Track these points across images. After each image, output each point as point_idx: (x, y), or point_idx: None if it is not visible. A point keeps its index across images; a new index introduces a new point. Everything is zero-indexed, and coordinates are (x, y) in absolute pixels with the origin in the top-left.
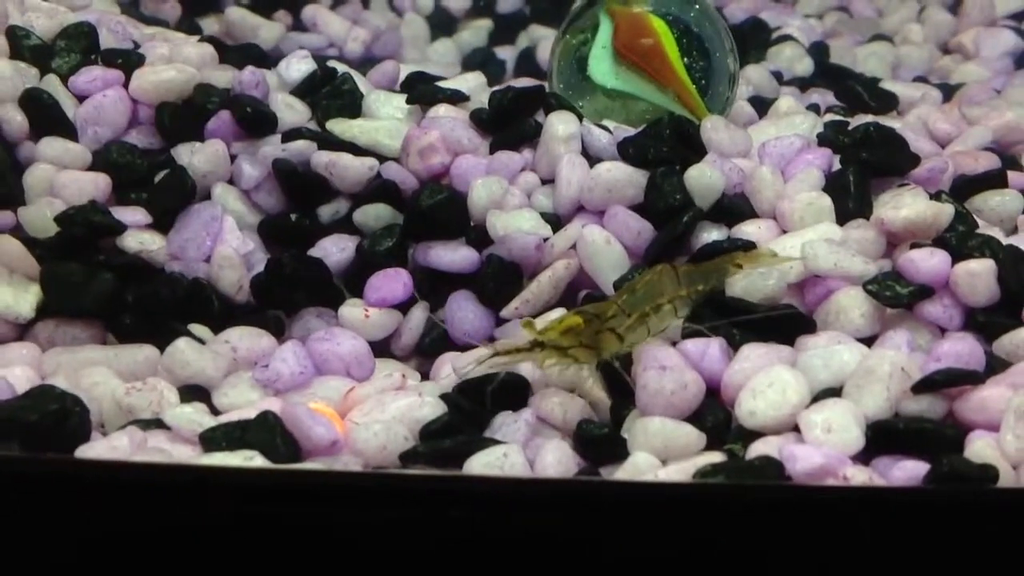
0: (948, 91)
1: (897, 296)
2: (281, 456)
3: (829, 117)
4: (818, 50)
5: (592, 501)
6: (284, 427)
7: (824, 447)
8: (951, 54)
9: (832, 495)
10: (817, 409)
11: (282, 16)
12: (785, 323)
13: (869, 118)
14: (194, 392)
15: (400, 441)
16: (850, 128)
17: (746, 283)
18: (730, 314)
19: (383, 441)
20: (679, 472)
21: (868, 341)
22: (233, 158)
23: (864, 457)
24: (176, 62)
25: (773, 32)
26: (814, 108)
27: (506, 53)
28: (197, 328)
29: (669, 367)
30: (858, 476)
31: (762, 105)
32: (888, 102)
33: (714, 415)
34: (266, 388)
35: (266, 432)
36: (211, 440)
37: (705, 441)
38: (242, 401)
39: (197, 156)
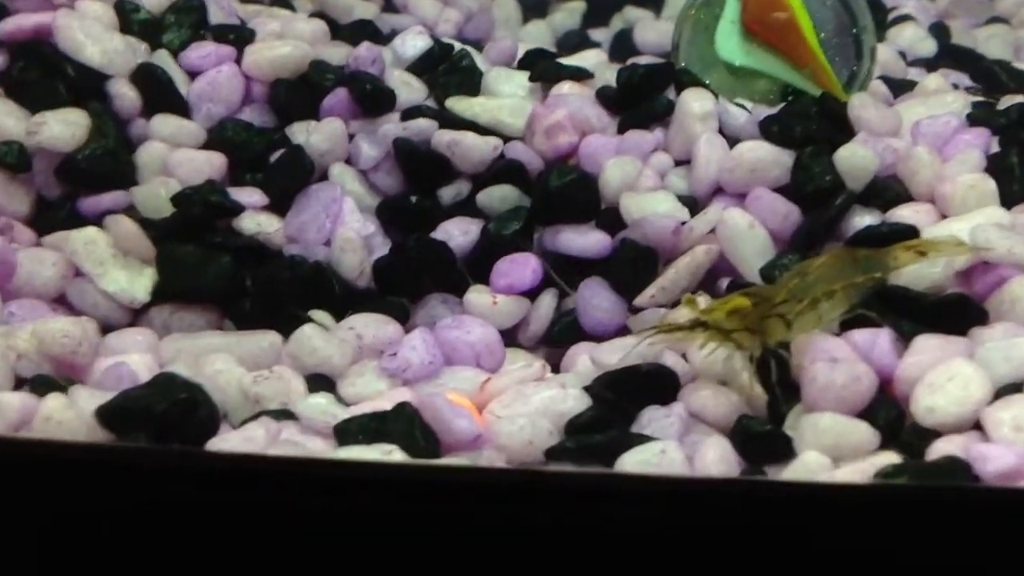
0: None
1: None
2: (421, 450)
3: (971, 98)
4: (938, 31)
5: (774, 502)
6: (423, 420)
7: (1016, 446)
8: None
9: None
10: (1003, 406)
11: None
12: (957, 313)
13: (1017, 99)
14: (320, 381)
15: (545, 436)
16: (1003, 108)
17: (909, 271)
18: (896, 304)
19: (529, 435)
20: (856, 473)
21: None
22: (351, 137)
23: None
24: (288, 38)
25: (889, 12)
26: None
27: (600, 35)
28: (318, 314)
29: (841, 359)
30: None
31: (892, 86)
32: None
33: (886, 412)
34: (394, 378)
35: (404, 425)
36: (346, 432)
37: (879, 439)
38: (370, 391)
39: (315, 135)
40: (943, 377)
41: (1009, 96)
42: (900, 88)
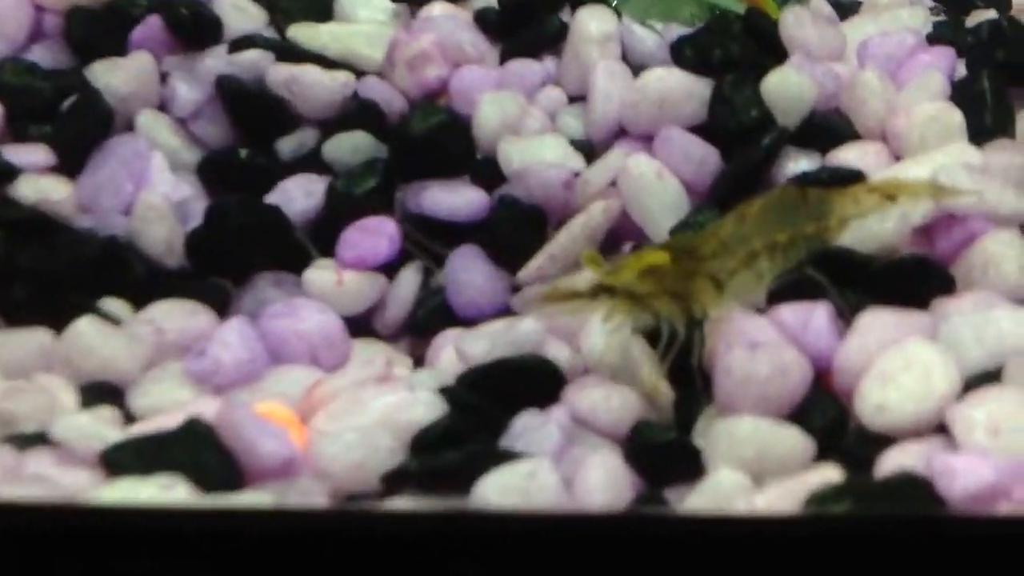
0: None
1: None
2: (214, 481)
3: (932, 17)
4: None
5: (660, 542)
6: (220, 440)
7: (992, 455)
8: None
9: (1012, 528)
10: (975, 401)
11: None
12: (915, 281)
13: (987, 15)
14: (102, 392)
15: (383, 455)
16: (971, 25)
17: (854, 227)
18: (837, 269)
19: (359, 457)
20: (784, 497)
21: None
22: (165, 77)
23: None
24: None
25: None
26: None
27: None
28: (111, 303)
29: (762, 343)
30: None
31: (840, 7)
32: (998, 2)
33: (824, 412)
34: (202, 383)
35: (194, 447)
36: (117, 461)
37: (814, 449)
38: (168, 402)
39: (116, 75)
40: (897, 365)
41: (978, 12)
42: (848, 10)
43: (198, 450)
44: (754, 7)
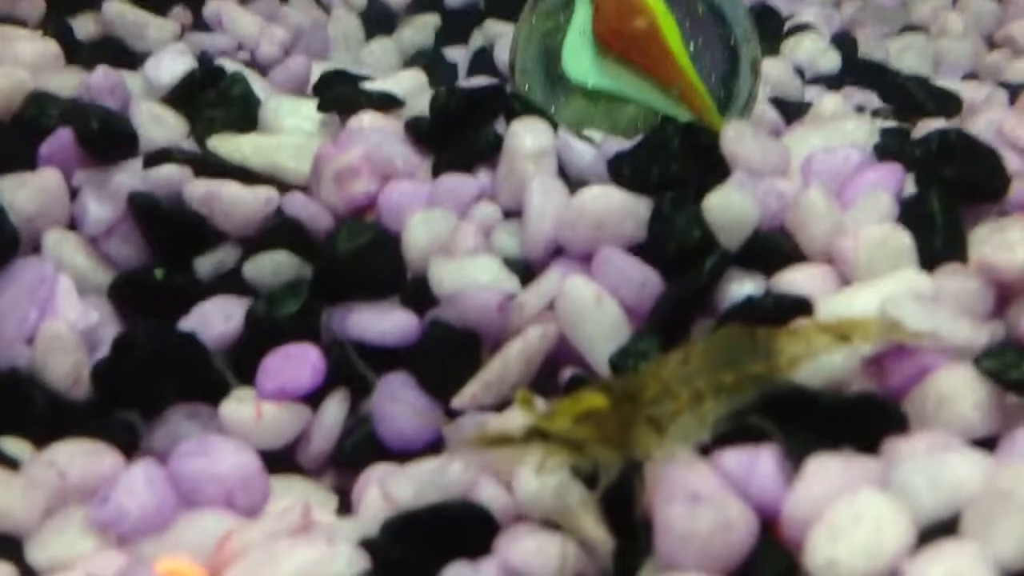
0: (1013, 91)
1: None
2: None
3: (880, 123)
4: (843, 42)
5: None
6: None
7: None
8: (999, 48)
9: None
10: (931, 557)
11: (180, 13)
12: (865, 420)
13: (935, 124)
14: None
15: None
16: (919, 137)
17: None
18: (782, 407)
19: None
20: None
21: (985, 444)
22: (75, 192)
23: None
24: (4, 64)
25: (786, 21)
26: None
27: (457, 54)
28: (10, 443)
29: (704, 497)
30: None
31: (786, 109)
32: (948, 104)
33: (774, 565)
34: (106, 533)
35: None
36: None
37: None
38: (69, 554)
39: (23, 192)
40: (847, 517)
41: (926, 120)
42: (797, 112)
43: None
44: (696, 116)
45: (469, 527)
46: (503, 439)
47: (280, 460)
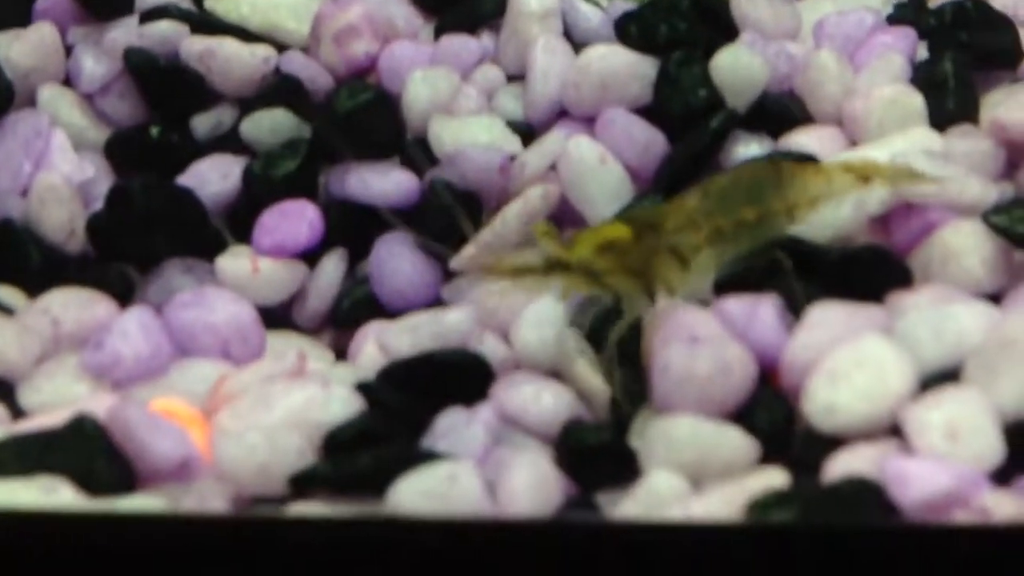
0: None
1: None
2: (103, 483)
3: None
4: None
5: (588, 550)
6: (110, 439)
7: (948, 461)
8: None
9: (967, 538)
10: (932, 403)
11: None
12: (870, 273)
13: None
14: None
15: (291, 457)
16: (934, 7)
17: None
18: (792, 258)
19: (263, 458)
20: (723, 503)
21: (991, 299)
22: (70, 50)
23: (1003, 476)
24: None
25: None
26: None
27: None
28: (4, 291)
29: (702, 338)
30: (1003, 506)
31: None
32: None
33: (770, 412)
34: (100, 378)
35: (82, 447)
36: None
37: (758, 452)
38: (61, 398)
39: (18, 47)
40: (849, 362)
41: None
42: None
43: (86, 450)
44: None
45: (465, 375)
46: (523, 269)
47: (276, 318)
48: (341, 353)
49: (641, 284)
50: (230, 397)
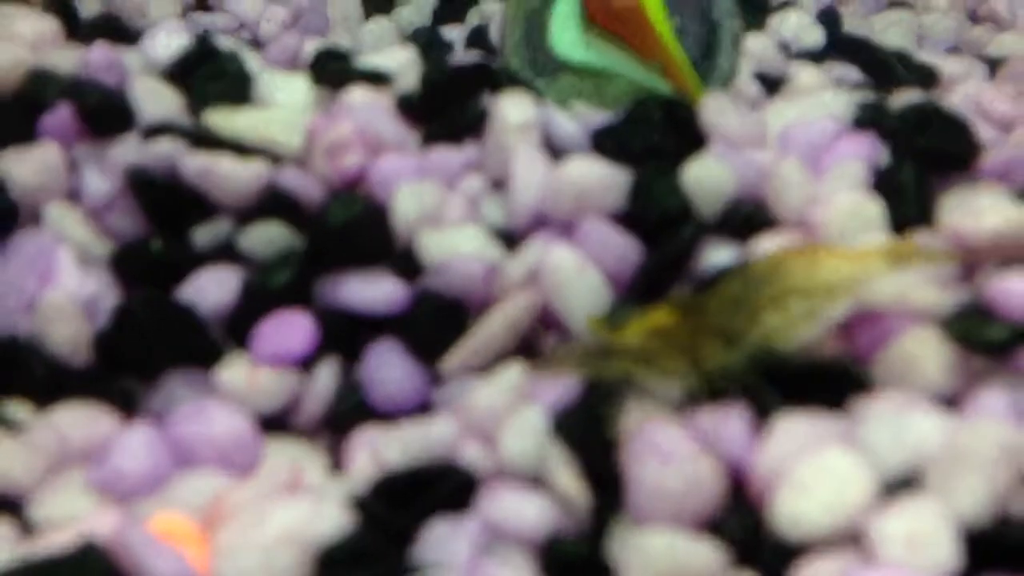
0: (993, 65)
1: (989, 340)
2: None
3: (860, 97)
4: (828, 18)
5: None
6: (114, 563)
7: (908, 569)
8: (982, 23)
9: None
10: (893, 512)
11: None
12: (832, 382)
13: (912, 96)
14: None
15: (287, 574)
16: (896, 108)
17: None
18: (759, 369)
19: None
20: None
21: (950, 403)
22: (72, 164)
23: None
24: (2, 41)
25: None
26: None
27: (454, 33)
28: (12, 407)
29: (674, 456)
30: None
31: (769, 83)
32: (926, 78)
33: (742, 521)
34: (104, 492)
35: (87, 572)
36: None
37: (730, 559)
38: (68, 513)
39: (23, 166)
40: (812, 474)
41: (903, 93)
42: (779, 86)
43: (91, 575)
44: (679, 90)
45: (451, 485)
46: (582, 356)
47: (274, 424)
48: (337, 454)
49: (689, 362)
50: (228, 513)
